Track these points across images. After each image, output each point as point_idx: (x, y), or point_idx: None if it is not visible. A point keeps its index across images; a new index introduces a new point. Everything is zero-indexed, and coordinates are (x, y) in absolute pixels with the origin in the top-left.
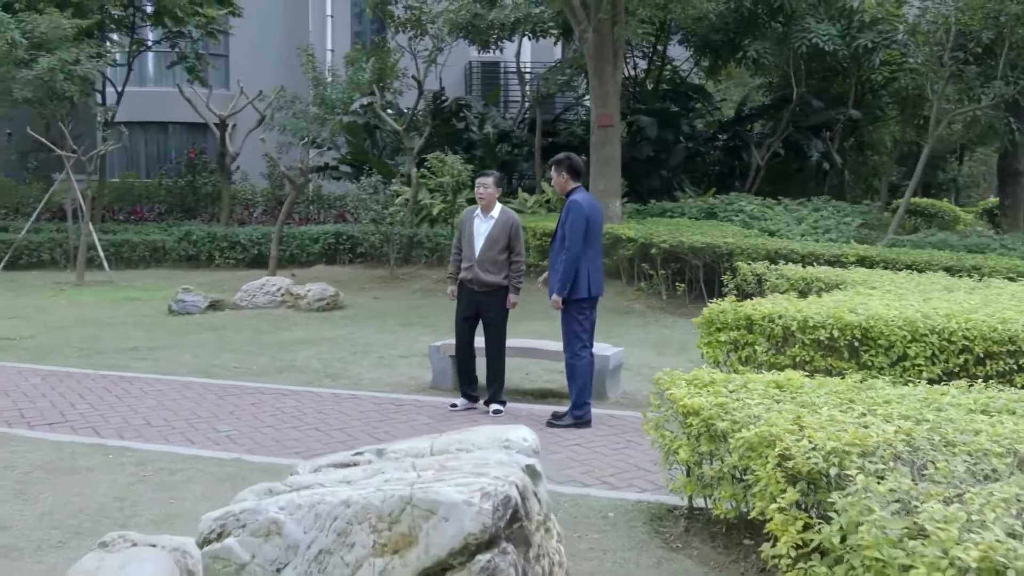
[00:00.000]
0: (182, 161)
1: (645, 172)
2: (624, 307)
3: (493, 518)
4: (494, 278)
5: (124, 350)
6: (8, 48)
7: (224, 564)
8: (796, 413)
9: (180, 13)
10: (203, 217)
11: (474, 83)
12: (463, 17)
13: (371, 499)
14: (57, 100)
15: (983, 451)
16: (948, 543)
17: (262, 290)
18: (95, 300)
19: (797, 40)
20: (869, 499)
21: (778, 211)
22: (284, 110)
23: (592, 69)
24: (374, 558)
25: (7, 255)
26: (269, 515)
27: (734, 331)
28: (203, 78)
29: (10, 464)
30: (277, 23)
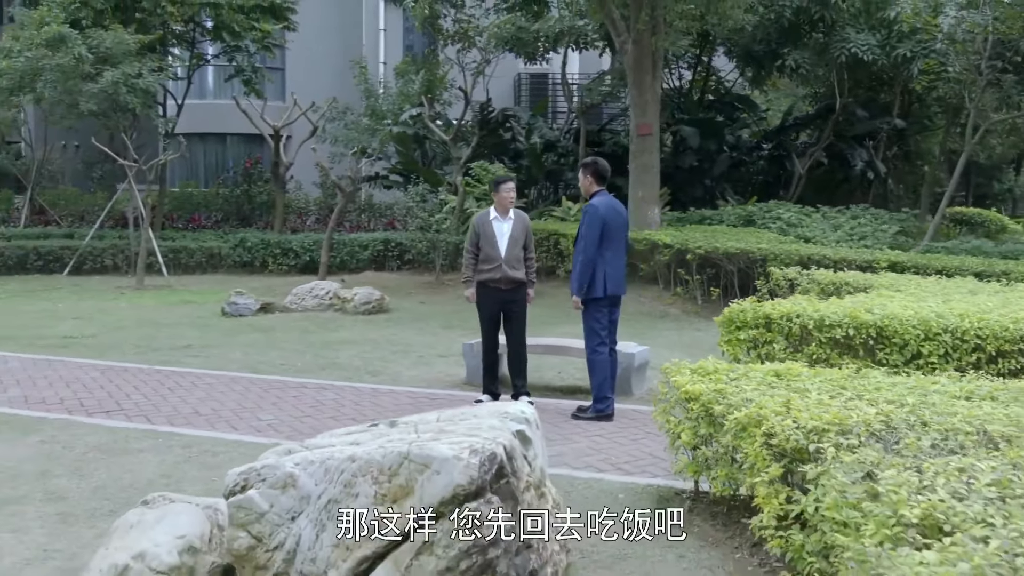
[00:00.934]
0: (238, 171)
1: (688, 181)
2: (660, 311)
3: (480, 472)
4: (519, 274)
5: (178, 348)
6: (75, 63)
7: (246, 513)
8: (787, 398)
9: (237, 28)
10: (258, 225)
11: (523, 94)
12: (508, 30)
13: (373, 455)
14: (120, 112)
15: (954, 430)
16: (898, 504)
17: (311, 293)
18: (153, 303)
19: (836, 50)
20: (836, 468)
21: (815, 219)
22: (336, 121)
23: (632, 79)
24: (376, 506)
25: (72, 260)
26: (286, 470)
27: (753, 329)
28: (259, 90)
29: (69, 445)
30: (332, 37)
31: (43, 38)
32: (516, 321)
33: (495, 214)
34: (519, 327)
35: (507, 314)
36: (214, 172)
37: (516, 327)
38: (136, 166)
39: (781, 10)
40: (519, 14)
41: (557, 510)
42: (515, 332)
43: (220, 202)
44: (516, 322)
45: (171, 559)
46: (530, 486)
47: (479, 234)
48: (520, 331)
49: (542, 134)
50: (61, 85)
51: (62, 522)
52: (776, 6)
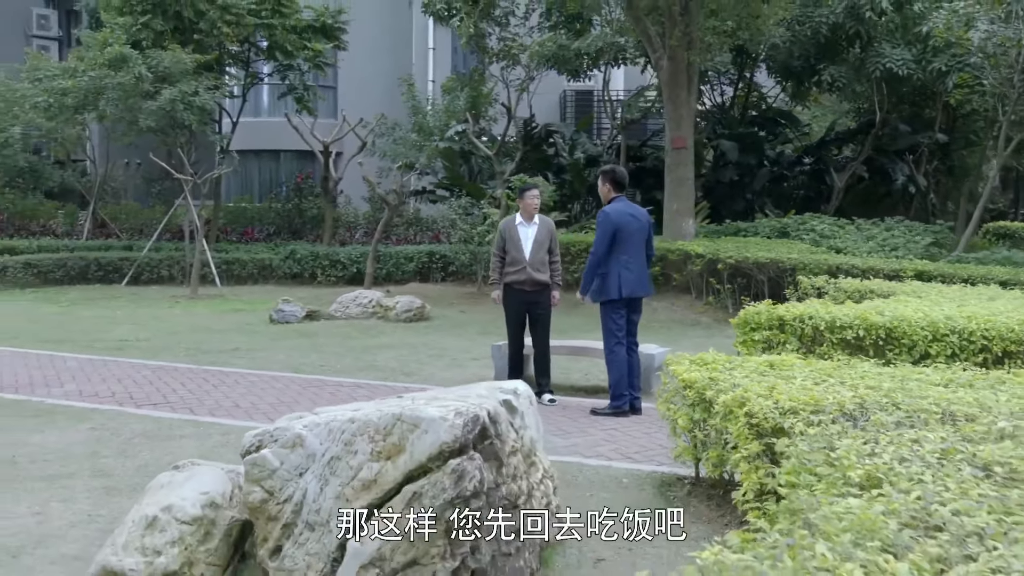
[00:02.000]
0: (290, 186)
1: (729, 195)
2: (692, 319)
3: (463, 431)
4: (544, 277)
5: (226, 351)
6: (135, 82)
7: (260, 470)
8: (773, 383)
9: (290, 47)
10: (308, 238)
11: (568, 111)
12: (549, 48)
13: (371, 416)
14: (177, 129)
15: (922, 410)
16: (848, 467)
17: (355, 302)
18: (206, 311)
19: (872, 65)
20: (802, 441)
21: (849, 230)
22: (385, 137)
23: (667, 94)
24: (372, 462)
25: (131, 271)
26: (295, 431)
27: (767, 331)
28: (310, 108)
29: (117, 432)
30: (384, 57)
31: (106, 58)
32: (541, 322)
33: (520, 219)
34: (543, 328)
35: (532, 315)
36: (267, 187)
37: (541, 328)
38: (192, 180)
39: (817, 26)
40: (561, 32)
41: (552, 481)
42: (540, 332)
43: (272, 216)
44: (541, 323)
45: (194, 511)
46: (516, 451)
47: (505, 238)
48: (544, 332)
49: (585, 149)
50: (122, 103)
51: (106, 494)
52: (812, 22)
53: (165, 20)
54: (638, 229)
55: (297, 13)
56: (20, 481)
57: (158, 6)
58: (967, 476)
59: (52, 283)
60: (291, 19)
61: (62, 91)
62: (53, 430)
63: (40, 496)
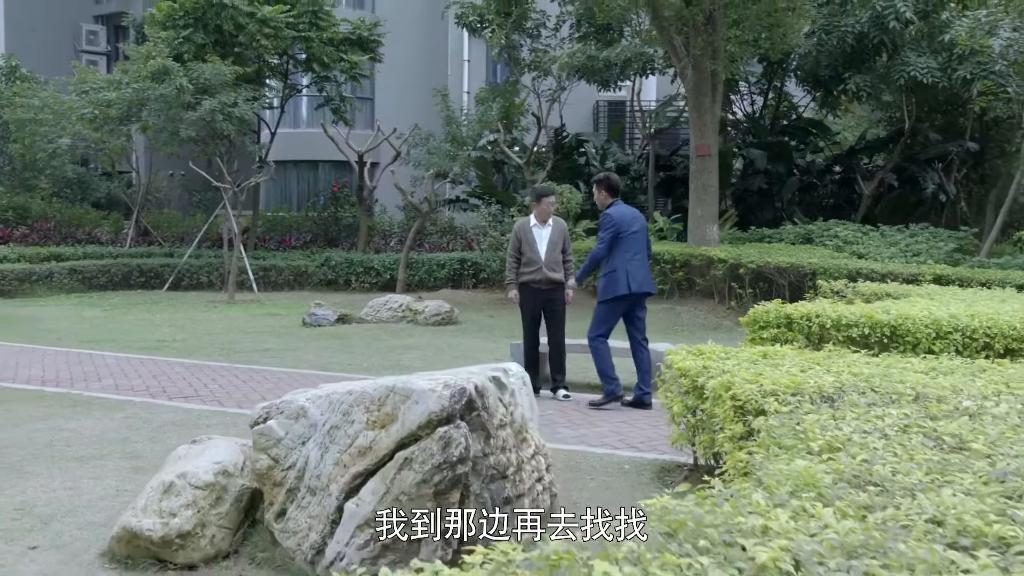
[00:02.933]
0: (327, 195)
1: (758, 204)
2: (714, 323)
3: (451, 402)
4: (558, 276)
5: (258, 351)
6: (177, 93)
7: (266, 439)
8: (760, 370)
9: (326, 59)
10: (344, 246)
11: (601, 121)
12: (578, 59)
13: (367, 389)
14: (217, 139)
15: (895, 392)
16: (811, 438)
17: (386, 306)
18: (241, 315)
19: (896, 73)
20: (774, 417)
21: (873, 237)
22: (419, 147)
23: (691, 102)
24: (367, 431)
25: (171, 277)
26: (299, 403)
27: (775, 328)
28: (346, 118)
29: (148, 421)
30: (419, 69)
31: (149, 71)
32: (556, 319)
33: (535, 222)
34: (559, 325)
35: (548, 313)
36: (306, 197)
37: (556, 325)
38: (231, 189)
39: (843, 35)
40: (591, 43)
41: (545, 459)
42: (555, 329)
43: (309, 224)
44: (556, 320)
45: (207, 477)
46: (505, 425)
47: (521, 240)
48: (559, 328)
49: (616, 159)
50: (164, 114)
51: (134, 472)
52: (838, 31)
53: (206, 34)
54: (640, 229)
55: (334, 26)
56: (56, 461)
57: (199, 20)
58: (916, 445)
59: (96, 288)
60: (328, 32)
61: (107, 103)
62: (89, 419)
63: (73, 474)
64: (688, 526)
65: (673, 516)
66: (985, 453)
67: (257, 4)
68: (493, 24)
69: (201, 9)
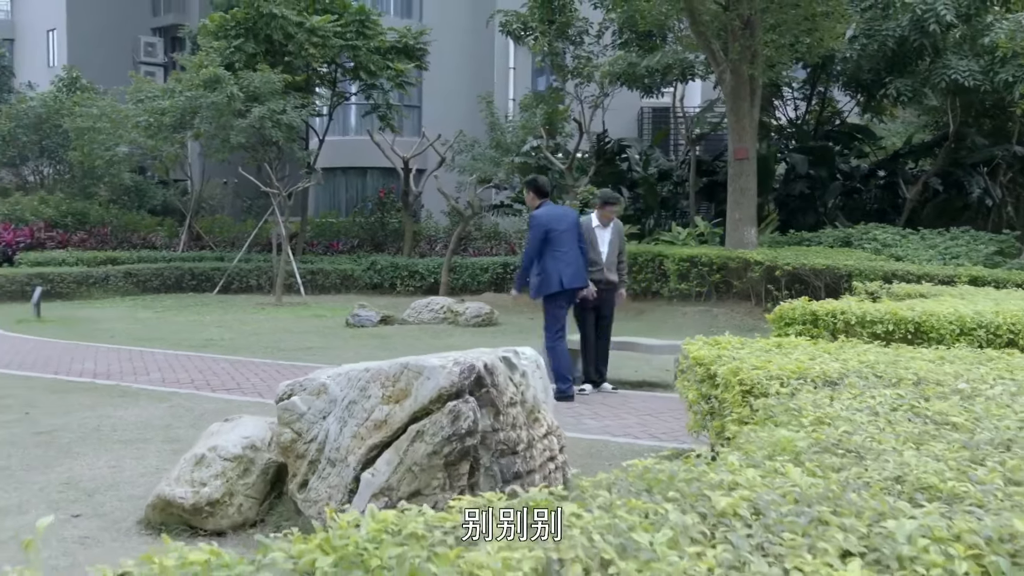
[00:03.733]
0: (374, 201)
1: (801, 208)
2: (751, 325)
3: (460, 377)
4: (614, 277)
5: (300, 349)
6: (228, 101)
7: (290, 414)
8: (770, 358)
9: (373, 67)
10: (390, 250)
11: (645, 127)
12: (620, 66)
13: (382, 366)
14: (266, 145)
15: (897, 377)
16: (803, 415)
17: (427, 308)
18: (288, 316)
19: (937, 77)
20: (773, 397)
21: (913, 240)
22: (464, 153)
23: (730, 106)
24: (383, 405)
25: (222, 280)
26: (320, 381)
27: (800, 325)
28: (393, 125)
29: (191, 410)
30: (465, 76)
31: (201, 79)
32: (607, 318)
33: (598, 223)
34: (608, 323)
35: (600, 311)
36: (354, 203)
37: (606, 323)
38: (280, 194)
39: (884, 39)
40: (632, 50)
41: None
42: (604, 327)
43: (356, 230)
44: (607, 319)
45: (235, 451)
46: (516, 403)
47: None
48: (608, 327)
49: (658, 164)
50: (215, 121)
51: (174, 453)
52: (880, 35)
53: (257, 43)
54: (568, 227)
55: (381, 35)
56: (102, 444)
57: (250, 30)
58: (901, 419)
59: (150, 291)
60: (375, 40)
61: (161, 111)
62: (135, 407)
63: (117, 454)
64: (663, 481)
65: (652, 475)
66: (966, 427)
67: (306, 14)
68: (536, 32)
69: (252, 19)
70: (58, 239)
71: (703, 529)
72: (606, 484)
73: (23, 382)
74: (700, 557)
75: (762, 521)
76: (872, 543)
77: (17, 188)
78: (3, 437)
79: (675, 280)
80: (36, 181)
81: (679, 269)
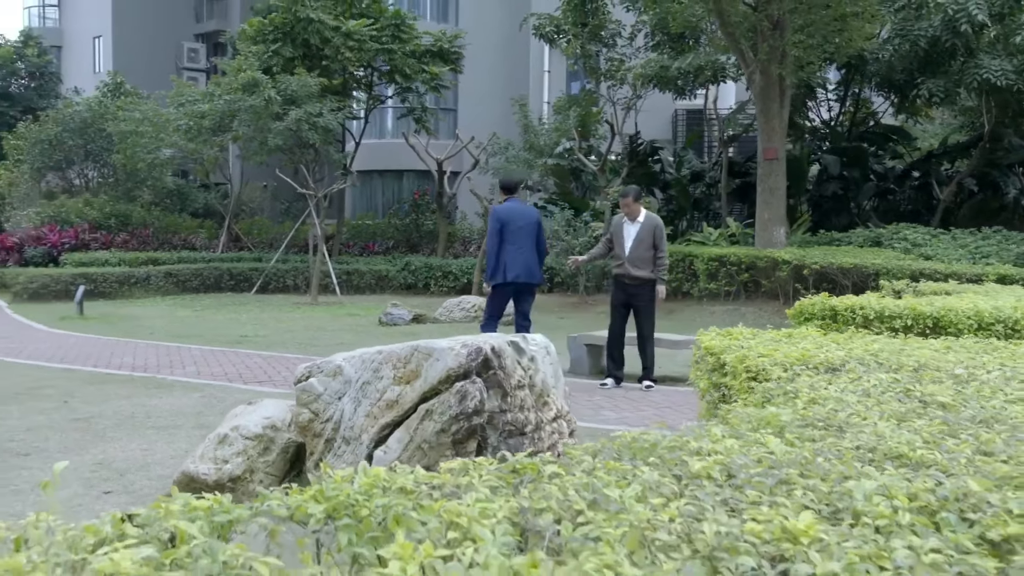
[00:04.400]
0: (409, 203)
1: (834, 209)
2: (778, 323)
3: (467, 359)
4: (642, 272)
5: (332, 345)
6: (265, 104)
7: (307, 395)
8: (777, 347)
9: (408, 71)
10: (424, 251)
11: (680, 128)
12: (651, 69)
13: (394, 349)
14: (302, 148)
15: (898, 364)
16: (799, 397)
17: (459, 307)
18: (323, 315)
19: (970, 77)
20: (772, 382)
21: (944, 240)
22: (498, 155)
23: (759, 107)
24: (394, 386)
25: (259, 281)
26: (336, 363)
27: (820, 320)
28: (429, 128)
29: (222, 399)
30: (501, 79)
31: (239, 83)
32: (640, 314)
33: (625, 219)
34: (642, 320)
35: (633, 307)
36: (391, 205)
37: (640, 320)
38: (316, 196)
39: (916, 39)
40: (664, 52)
41: (568, 424)
42: (640, 324)
43: (392, 231)
44: (640, 315)
45: (256, 430)
46: (523, 386)
47: (612, 233)
48: (643, 323)
49: (691, 165)
50: (253, 124)
51: (202, 438)
52: (911, 36)
53: (294, 47)
54: (525, 224)
55: (416, 39)
56: (136, 429)
57: (288, 35)
58: (890, 399)
59: (189, 291)
60: (410, 44)
61: (200, 114)
62: (169, 397)
63: (149, 439)
64: (645, 449)
65: (637, 444)
66: (952, 406)
67: (342, 19)
68: (569, 34)
69: (289, 24)
70: (102, 240)
71: (674, 488)
72: (592, 451)
73: (64, 374)
74: (664, 508)
75: (732, 482)
76: (830, 500)
77: (63, 191)
78: (43, 422)
79: (704, 280)
80: (81, 184)
81: (708, 269)
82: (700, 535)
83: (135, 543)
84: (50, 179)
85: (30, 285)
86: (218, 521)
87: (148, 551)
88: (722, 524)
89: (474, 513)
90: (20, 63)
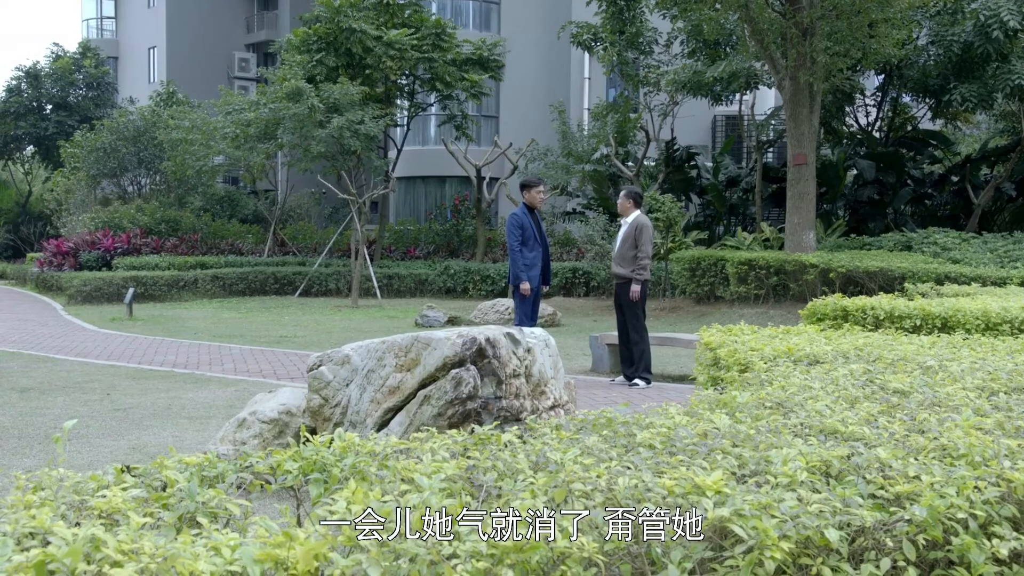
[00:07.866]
0: (450, 208)
1: (870, 214)
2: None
3: (462, 348)
4: (623, 271)
5: None
6: (309, 112)
7: (318, 382)
8: (769, 342)
9: (449, 79)
10: (464, 256)
11: (719, 134)
12: (685, 75)
13: (397, 339)
14: (345, 154)
15: (877, 357)
16: (773, 384)
17: (493, 309)
18: (362, 317)
19: (1002, 82)
20: (765, 370)
21: (975, 244)
22: (537, 161)
23: (789, 113)
24: (396, 373)
25: (303, 284)
26: (344, 352)
27: (831, 320)
28: (469, 135)
29: (253, 393)
30: (541, 86)
31: (284, 92)
32: (623, 312)
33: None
34: (622, 318)
35: (619, 304)
36: (433, 211)
37: (620, 317)
38: (357, 202)
39: (949, 45)
40: (698, 59)
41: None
42: (619, 321)
43: (432, 236)
44: (620, 313)
45: (272, 415)
46: (519, 375)
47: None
48: (622, 321)
49: (727, 171)
50: (297, 132)
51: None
52: (944, 42)
53: (337, 57)
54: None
55: (456, 47)
56: (170, 419)
57: (331, 44)
58: (850, 385)
59: (235, 294)
60: (450, 53)
61: (247, 122)
62: (204, 391)
63: (181, 427)
64: (602, 423)
65: (599, 420)
66: (907, 392)
67: (384, 28)
68: (606, 42)
69: (332, 34)
70: (152, 245)
71: (612, 453)
72: (553, 425)
73: (108, 370)
74: (595, 467)
75: (668, 449)
76: (748, 464)
77: (117, 198)
78: (85, 412)
79: (735, 283)
80: (134, 191)
81: (738, 272)
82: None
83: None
84: (104, 186)
85: (84, 288)
86: (207, 475)
87: (138, 492)
88: (642, 480)
89: (427, 469)
90: (78, 74)
